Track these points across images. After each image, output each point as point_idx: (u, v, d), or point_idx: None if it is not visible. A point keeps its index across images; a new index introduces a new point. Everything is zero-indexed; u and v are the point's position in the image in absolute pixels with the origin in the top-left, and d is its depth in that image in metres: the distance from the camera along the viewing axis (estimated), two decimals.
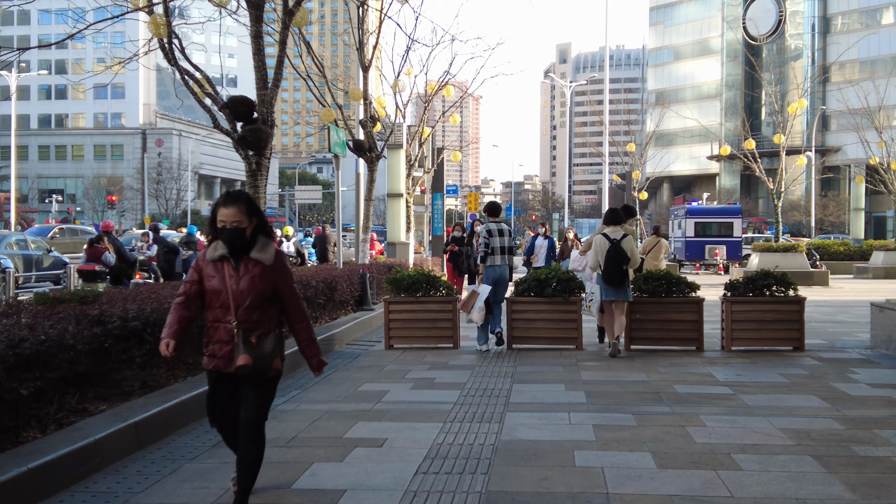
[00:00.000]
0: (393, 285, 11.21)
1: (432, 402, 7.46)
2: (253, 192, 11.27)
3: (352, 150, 18.25)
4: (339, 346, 11.32)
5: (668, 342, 10.79)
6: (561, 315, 10.88)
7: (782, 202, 28.95)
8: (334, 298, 12.85)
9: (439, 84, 23.64)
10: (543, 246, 19.02)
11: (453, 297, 11.11)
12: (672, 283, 10.80)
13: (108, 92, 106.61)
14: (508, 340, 11.00)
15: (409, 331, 11.14)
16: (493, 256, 10.95)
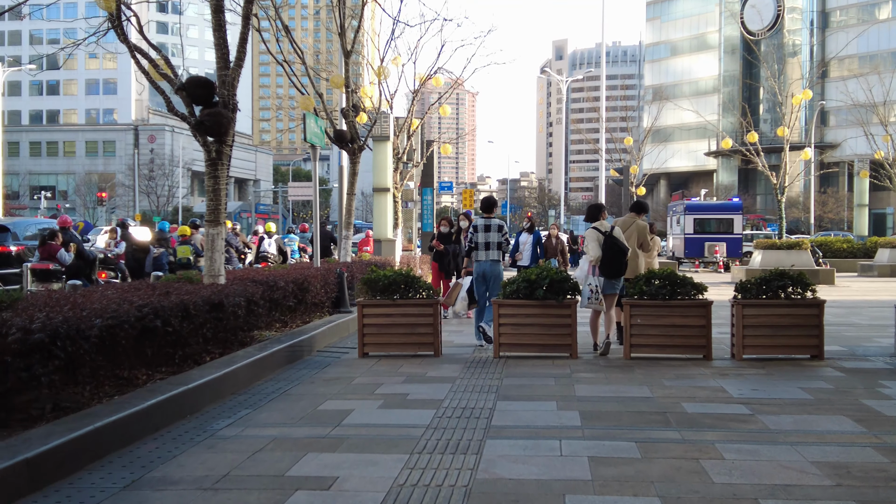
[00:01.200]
0: (367, 286, 10.13)
1: (401, 426, 6.37)
2: (213, 182, 10.21)
3: (332, 140, 17.19)
4: (308, 353, 10.24)
5: (673, 349, 9.72)
6: (553, 320, 9.80)
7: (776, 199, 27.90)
8: (307, 300, 11.77)
9: (428, 73, 22.55)
10: (528, 242, 17.23)
11: (434, 300, 10.02)
12: (676, 285, 9.72)
13: (99, 88, 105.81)
14: (495, 348, 9.92)
15: (385, 337, 10.05)
16: (477, 251, 11.10)
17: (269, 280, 10.63)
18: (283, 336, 10.17)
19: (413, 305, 9.99)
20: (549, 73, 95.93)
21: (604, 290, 10.30)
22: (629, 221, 11.09)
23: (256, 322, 9.76)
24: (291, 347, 9.70)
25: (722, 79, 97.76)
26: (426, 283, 10.21)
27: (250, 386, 8.16)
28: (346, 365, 9.51)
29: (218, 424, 6.49)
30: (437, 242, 14.96)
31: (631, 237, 10.83)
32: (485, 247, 11.06)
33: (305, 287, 11.57)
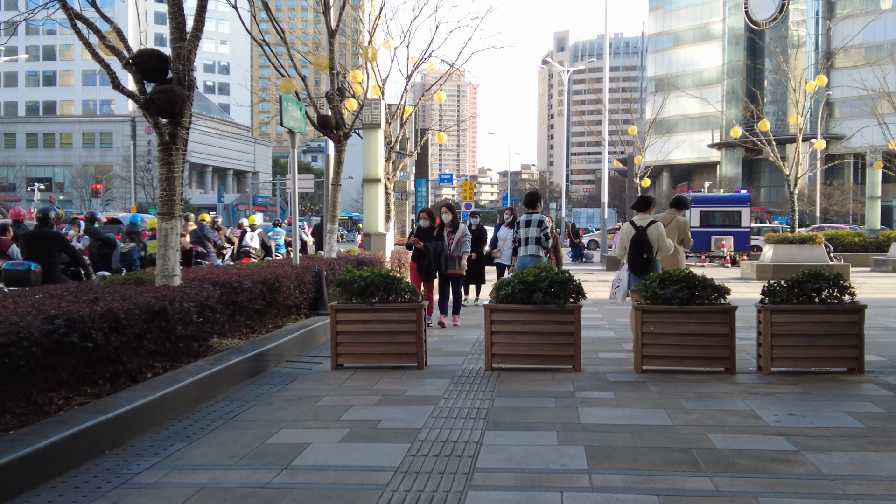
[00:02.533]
0: (342, 289, 8.87)
1: (364, 469, 5.13)
2: (166, 170, 8.99)
3: (315, 126, 15.92)
4: (274, 364, 8.99)
5: (691, 362, 8.47)
6: (553, 327, 8.56)
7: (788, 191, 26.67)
8: (278, 303, 10.52)
9: (422, 57, 21.28)
10: (508, 238, 15.37)
11: (418, 304, 8.77)
12: (695, 287, 8.47)
13: (97, 78, 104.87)
14: (487, 360, 8.67)
15: (362, 346, 8.80)
16: (519, 247, 11.53)
17: (232, 281, 9.39)
18: (245, 345, 8.92)
19: (394, 310, 8.75)
20: (550, 64, 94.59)
21: (632, 287, 10.00)
22: (669, 217, 10.71)
23: (213, 330, 8.51)
24: (254, 359, 8.46)
25: (726, 69, 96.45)
26: (409, 286, 8.95)
27: (196, 408, 6.92)
28: (316, 379, 8.26)
29: (138, 466, 5.25)
30: (416, 239, 12.59)
31: (671, 233, 10.45)
32: (524, 242, 11.39)
33: (276, 288, 10.32)
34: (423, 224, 12.77)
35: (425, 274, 12.47)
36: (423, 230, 12.75)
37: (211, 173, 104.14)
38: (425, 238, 12.61)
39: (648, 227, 10.00)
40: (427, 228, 12.73)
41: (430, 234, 12.68)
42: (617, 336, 11.50)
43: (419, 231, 12.83)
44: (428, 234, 12.68)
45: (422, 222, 12.79)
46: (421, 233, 12.76)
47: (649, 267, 9.86)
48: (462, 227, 12.94)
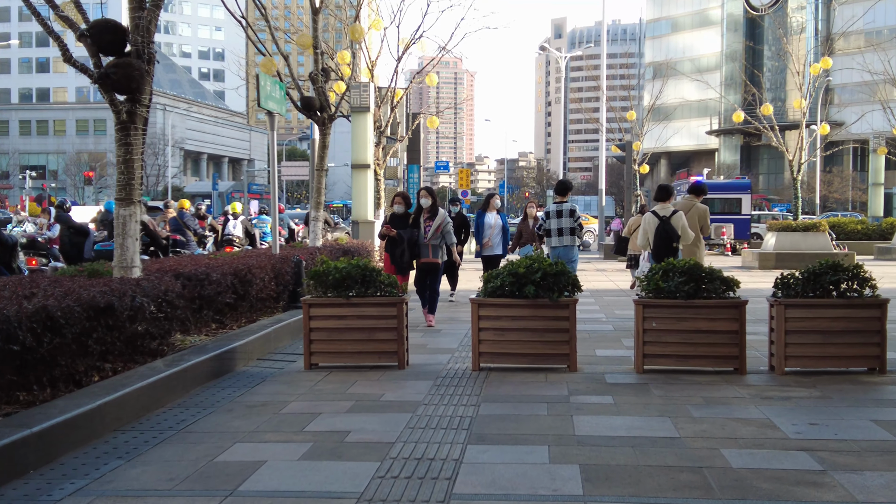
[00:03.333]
0: (316, 281, 8.12)
1: (321, 496, 4.40)
2: (124, 152, 8.22)
3: (299, 109, 15.15)
4: (243, 363, 8.25)
5: (696, 361, 7.74)
6: (547, 323, 7.82)
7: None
8: (251, 295, 9.77)
9: (413, 38, 20.48)
10: (497, 226, 14.23)
11: (399, 298, 8.02)
12: (701, 280, 7.74)
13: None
14: (474, 358, 7.94)
15: (337, 344, 8.06)
16: (549, 238, 11.37)
17: (199, 273, 8.64)
18: (210, 343, 8.18)
19: (372, 305, 8.00)
20: (547, 50, 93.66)
21: None
22: (688, 205, 10.53)
23: (173, 326, 7.76)
24: (218, 358, 7.71)
25: (724, 55, 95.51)
26: (389, 278, 8.20)
27: (146, 415, 6.18)
28: (285, 381, 7.52)
29: (61, 490, 4.51)
30: (388, 226, 11.27)
31: (692, 221, 10.31)
32: (557, 232, 11.31)
33: (249, 280, 9.57)
34: (397, 210, 11.44)
35: (398, 266, 11.16)
36: (398, 217, 11.41)
37: (206, 161, 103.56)
38: (400, 225, 11.28)
39: (672, 217, 9.91)
40: (401, 215, 11.40)
41: (405, 220, 11.35)
42: (616, 330, 10.77)
43: (393, 218, 11.49)
44: (402, 221, 11.35)
45: (396, 208, 11.48)
46: (395, 220, 11.41)
47: (676, 255, 9.74)
48: (442, 212, 11.37)
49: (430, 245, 11.13)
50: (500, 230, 14.27)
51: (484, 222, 14.36)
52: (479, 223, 14.44)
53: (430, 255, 11.14)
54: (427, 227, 11.19)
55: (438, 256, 11.22)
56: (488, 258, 14.31)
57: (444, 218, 11.28)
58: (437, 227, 11.16)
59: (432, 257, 11.16)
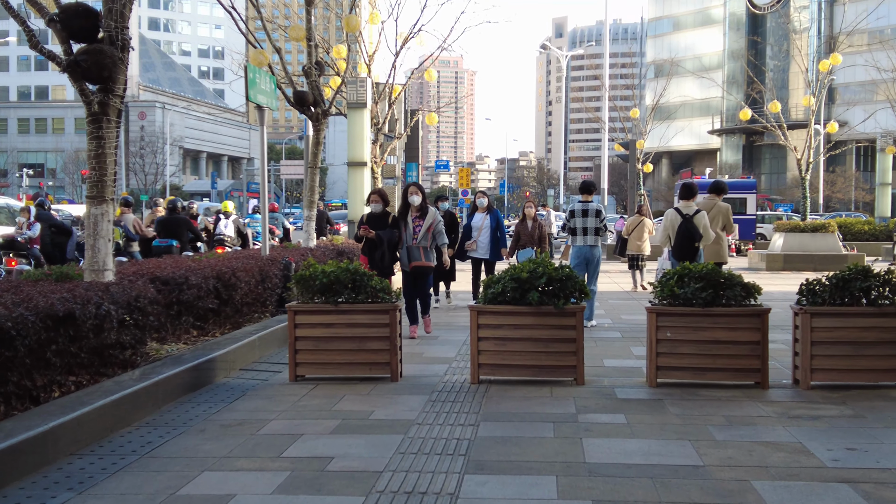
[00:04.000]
0: (301, 286, 7.51)
1: None
2: (96, 146, 7.63)
3: (291, 104, 14.54)
4: (224, 374, 7.64)
5: (715, 374, 7.12)
6: (551, 332, 7.20)
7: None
8: (236, 300, 9.16)
9: (411, 32, 19.86)
10: (486, 226, 13.04)
11: (392, 305, 7.41)
12: (720, 286, 7.13)
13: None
14: (473, 370, 7.33)
15: (325, 354, 7.44)
16: (575, 237, 11.00)
17: (177, 276, 8.04)
18: (188, 352, 7.57)
19: (363, 312, 7.39)
20: (549, 48, 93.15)
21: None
22: (710, 204, 10.49)
23: (145, 335, 7.14)
24: (195, 369, 7.10)
25: (727, 54, 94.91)
26: (382, 283, 7.59)
27: (109, 436, 5.58)
28: (267, 395, 6.91)
29: None
30: (366, 227, 10.08)
31: (716, 220, 10.33)
32: (583, 232, 10.96)
33: (233, 283, 8.96)
34: (374, 209, 10.30)
35: (378, 270, 9.49)
36: (375, 216, 10.26)
37: (205, 159, 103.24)
38: (377, 226, 10.14)
39: (695, 216, 9.79)
40: (379, 214, 10.25)
41: (384, 221, 10.19)
42: (623, 338, 10.16)
43: (370, 218, 10.29)
44: (380, 221, 10.20)
45: (372, 206, 10.34)
46: (372, 220, 10.25)
47: (697, 255, 9.76)
48: (432, 211, 10.30)
49: (420, 247, 10.04)
50: (490, 232, 12.99)
51: (471, 224, 13.23)
52: (468, 224, 13.34)
53: (421, 257, 10.04)
54: (417, 227, 10.11)
55: (431, 259, 10.17)
56: (476, 261, 13.26)
57: (435, 217, 10.25)
58: (427, 227, 10.09)
59: (424, 260, 10.06)
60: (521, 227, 13.22)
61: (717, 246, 10.33)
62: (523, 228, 13.16)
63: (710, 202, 10.61)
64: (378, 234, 10.05)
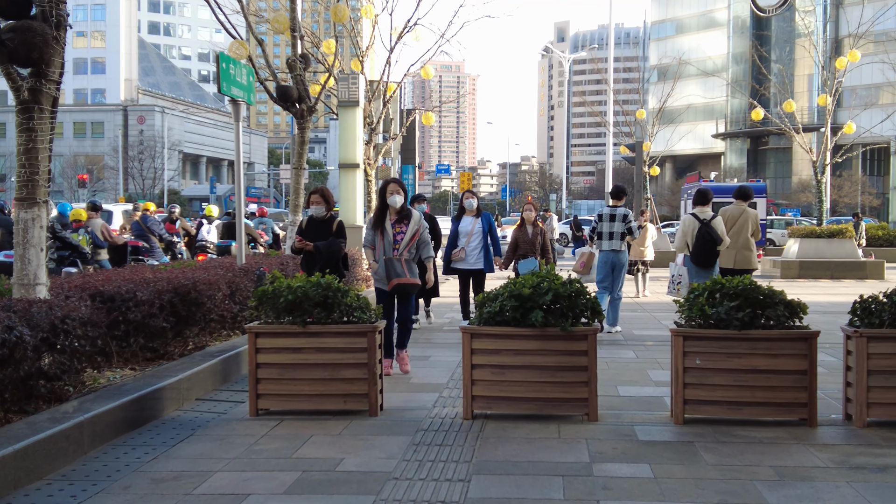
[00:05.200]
0: (263, 304, 6.39)
1: None
2: (26, 138, 6.62)
3: (275, 99, 13.45)
4: (176, 406, 6.53)
5: (752, 409, 5.99)
6: (559, 359, 6.08)
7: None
8: (197, 317, 8.02)
9: (406, 26, 18.75)
10: (475, 232, 11.12)
11: (370, 326, 6.28)
12: (759, 304, 6.01)
13: (88, 67, 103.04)
14: (466, 404, 6.20)
15: (292, 384, 6.31)
16: (601, 241, 10.89)
17: (123, 292, 6.92)
18: (131, 381, 6.44)
19: (336, 335, 6.26)
20: (551, 51, 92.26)
21: (694, 278, 9.71)
22: (739, 210, 10.35)
23: (73, 363, 6.00)
24: (136, 403, 5.99)
25: (731, 57, 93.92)
26: (361, 300, 6.46)
27: (9, 495, 4.46)
28: (219, 435, 5.79)
29: None
30: (301, 238, 8.35)
31: (745, 227, 10.23)
32: (609, 236, 10.84)
33: (194, 298, 7.82)
34: (315, 212, 8.45)
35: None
36: (315, 223, 8.44)
37: (205, 164, 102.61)
38: (318, 234, 8.32)
39: (712, 220, 9.75)
40: (321, 219, 8.42)
41: (326, 227, 8.36)
42: (638, 358, 9.03)
43: (309, 224, 8.46)
44: (322, 228, 8.37)
45: (313, 209, 8.44)
46: (311, 227, 8.42)
47: (714, 260, 9.78)
48: (417, 215, 8.19)
49: (402, 261, 7.90)
50: (481, 238, 11.09)
51: (458, 229, 11.20)
52: (455, 229, 11.25)
53: (405, 273, 7.85)
54: (398, 235, 7.99)
55: (416, 274, 8.05)
56: (464, 273, 11.28)
57: (420, 223, 8.13)
58: (412, 236, 8.01)
59: (409, 276, 7.87)
60: (519, 233, 11.40)
61: (748, 252, 10.28)
62: (522, 235, 11.35)
63: (739, 208, 10.40)
64: (316, 246, 8.16)
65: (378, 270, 7.98)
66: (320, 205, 8.41)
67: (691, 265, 9.88)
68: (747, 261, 10.25)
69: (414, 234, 8.01)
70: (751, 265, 10.26)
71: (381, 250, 7.97)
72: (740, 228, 10.20)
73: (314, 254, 8.21)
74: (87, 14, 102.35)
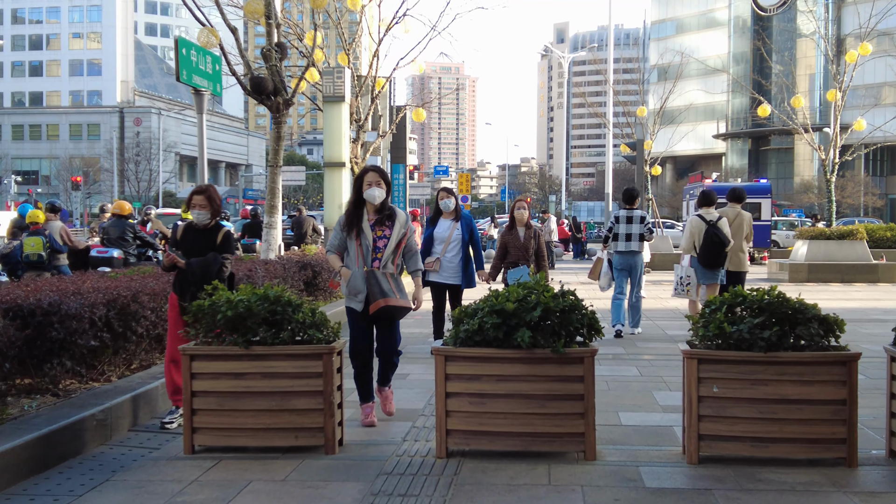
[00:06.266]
0: (198, 321, 5.41)
1: None
2: None
3: (248, 92, 12.48)
4: (104, 439, 5.56)
5: (781, 446, 5.01)
6: (550, 387, 5.11)
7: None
8: (137, 333, 7.02)
9: (395, 17, 17.82)
10: (453, 239, 9.15)
11: (326, 347, 5.29)
12: (787, 320, 5.03)
13: (84, 69, 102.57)
14: (439, 440, 5.22)
15: (233, 416, 5.33)
16: (617, 242, 10.79)
17: (43, 305, 5.94)
18: (46, 411, 5.47)
19: (285, 357, 5.28)
20: (550, 51, 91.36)
21: (702, 280, 9.97)
22: (734, 212, 10.38)
23: None
24: (45, 440, 5.02)
25: (731, 57, 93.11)
26: (315, 315, 5.47)
27: None
28: (139, 481, 4.80)
29: None
30: (170, 254, 6.20)
31: (740, 229, 10.20)
32: (626, 238, 10.73)
33: (133, 311, 6.83)
34: (198, 218, 6.29)
35: (183, 308, 5.98)
36: (194, 232, 6.35)
37: None
38: (195, 248, 6.26)
39: (718, 222, 9.80)
40: (202, 229, 6.33)
41: (208, 240, 6.28)
42: (642, 376, 8.03)
43: (185, 233, 6.38)
44: (202, 240, 6.29)
45: (195, 214, 6.31)
46: (189, 236, 6.35)
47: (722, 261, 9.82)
48: (402, 216, 6.21)
49: (387, 275, 5.98)
50: (460, 247, 9.15)
51: (433, 233, 9.22)
52: (429, 234, 9.28)
53: (392, 291, 5.92)
54: (380, 241, 6.04)
55: (405, 294, 6.08)
56: (439, 287, 9.27)
57: (407, 226, 6.16)
58: (398, 243, 6.09)
59: (398, 295, 5.94)
60: (508, 237, 9.40)
61: (741, 254, 10.34)
62: (512, 240, 9.36)
63: (734, 210, 10.47)
64: (189, 264, 6.09)
65: (352, 284, 5.98)
66: (204, 209, 6.22)
67: (699, 266, 9.95)
68: (740, 263, 10.32)
69: (400, 241, 6.10)
70: (743, 267, 10.35)
71: (356, 259, 6.00)
72: (735, 231, 10.17)
73: (184, 273, 6.18)
74: (84, 15, 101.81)
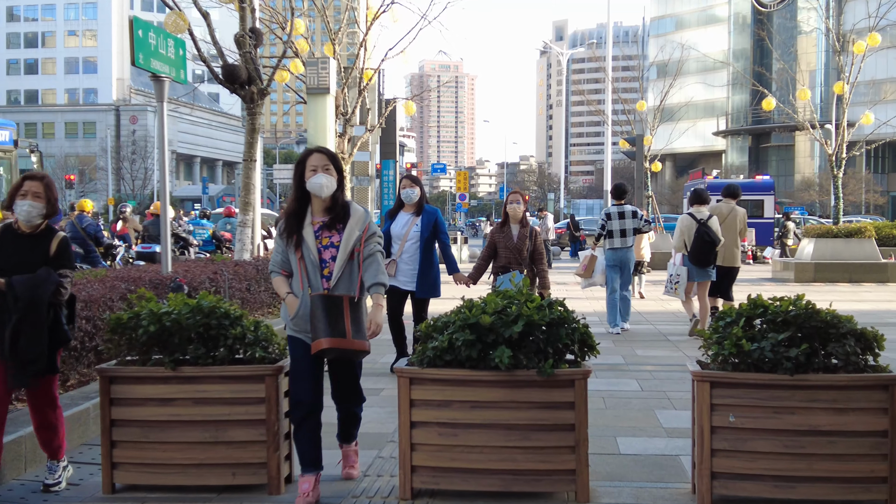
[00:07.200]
0: (119, 337, 4.58)
1: None
2: None
3: (219, 80, 11.67)
4: (18, 472, 4.74)
5: (810, 486, 4.18)
6: (535, 415, 4.28)
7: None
8: (82, 345, 6.20)
9: (383, 5, 16.97)
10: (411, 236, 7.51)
11: (268, 368, 4.45)
12: (817, 336, 4.21)
13: (79, 67, 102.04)
14: (403, 478, 4.39)
15: (159, 450, 4.49)
16: (612, 239, 10.68)
17: None
18: None
19: (221, 380, 4.46)
20: (549, 48, 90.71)
21: (694, 278, 10.01)
22: (728, 208, 10.52)
23: None
24: None
25: (731, 54, 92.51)
26: (258, 329, 4.64)
27: None
28: None
29: None
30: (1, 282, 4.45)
31: (733, 225, 10.36)
32: (621, 234, 10.67)
33: None
34: (25, 218, 4.61)
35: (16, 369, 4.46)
36: (17, 239, 4.63)
37: (199, 164, 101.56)
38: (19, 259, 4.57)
39: (709, 220, 9.89)
40: (26, 236, 4.65)
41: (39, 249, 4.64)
42: (643, 390, 7.20)
43: (5, 237, 4.65)
44: (28, 248, 4.63)
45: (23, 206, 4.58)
46: (10, 243, 4.62)
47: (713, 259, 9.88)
48: (359, 211, 4.49)
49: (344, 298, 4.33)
50: (419, 246, 7.53)
51: (391, 231, 7.58)
52: (386, 230, 7.54)
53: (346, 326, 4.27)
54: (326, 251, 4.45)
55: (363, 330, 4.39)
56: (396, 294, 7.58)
57: (365, 225, 4.47)
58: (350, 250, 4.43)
59: (352, 333, 4.29)
60: (499, 235, 8.15)
61: (735, 250, 10.42)
62: (504, 239, 8.11)
63: (728, 206, 10.59)
64: (10, 283, 4.43)
65: (299, 316, 4.43)
66: (39, 199, 4.56)
67: (690, 264, 10.02)
68: (733, 258, 10.41)
69: (354, 247, 4.43)
70: (735, 263, 10.45)
71: (300, 279, 4.43)
72: (729, 227, 10.29)
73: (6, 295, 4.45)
74: (79, 13, 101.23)
